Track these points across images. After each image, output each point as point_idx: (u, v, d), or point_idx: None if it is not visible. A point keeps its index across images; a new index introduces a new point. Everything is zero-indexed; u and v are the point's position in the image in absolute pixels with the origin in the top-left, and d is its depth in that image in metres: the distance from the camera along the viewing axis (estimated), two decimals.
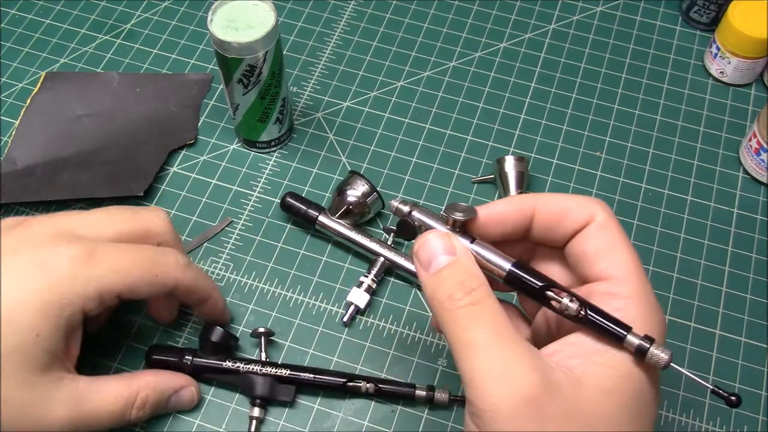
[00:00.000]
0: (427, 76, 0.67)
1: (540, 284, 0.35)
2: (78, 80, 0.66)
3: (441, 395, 0.50)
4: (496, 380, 0.31)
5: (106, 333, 0.53)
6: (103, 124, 0.63)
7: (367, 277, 0.55)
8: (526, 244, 0.39)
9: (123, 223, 0.46)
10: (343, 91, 0.66)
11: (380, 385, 0.50)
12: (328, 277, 0.57)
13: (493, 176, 0.60)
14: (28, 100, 0.65)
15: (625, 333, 0.32)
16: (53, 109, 0.64)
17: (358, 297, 0.54)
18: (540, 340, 0.39)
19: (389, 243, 0.56)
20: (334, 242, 0.58)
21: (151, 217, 0.48)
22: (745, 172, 0.62)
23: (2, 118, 0.64)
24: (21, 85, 0.66)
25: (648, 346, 0.32)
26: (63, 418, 0.42)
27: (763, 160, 0.59)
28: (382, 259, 0.55)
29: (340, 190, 0.56)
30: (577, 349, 0.33)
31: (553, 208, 0.37)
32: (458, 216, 0.36)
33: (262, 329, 0.51)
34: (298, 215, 0.57)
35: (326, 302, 0.56)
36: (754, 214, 0.60)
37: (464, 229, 0.37)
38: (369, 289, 0.55)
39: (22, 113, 0.64)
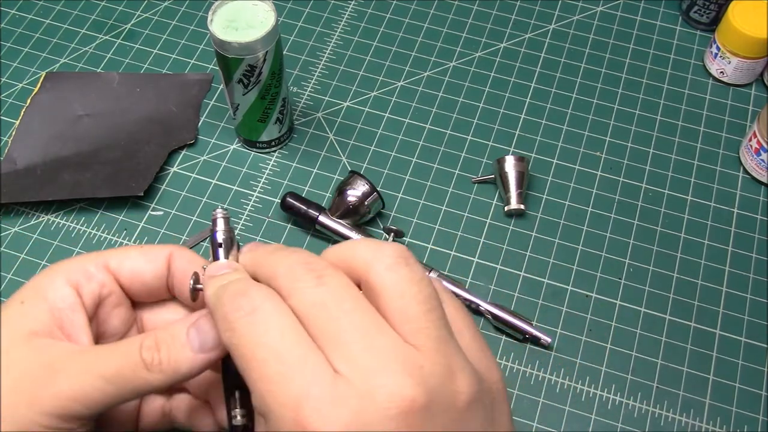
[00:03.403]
0: (427, 76, 0.67)
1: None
2: (78, 80, 0.66)
3: None
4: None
5: None
6: (103, 124, 0.63)
7: None
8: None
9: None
10: (343, 91, 0.66)
11: None
12: None
13: (493, 176, 0.60)
14: (28, 100, 0.65)
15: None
16: (53, 109, 0.64)
17: None
18: None
19: None
20: (334, 242, 0.58)
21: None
22: (745, 172, 0.62)
23: (2, 118, 0.64)
24: (21, 85, 0.66)
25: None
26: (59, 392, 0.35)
27: (763, 160, 0.59)
28: None
29: (340, 190, 0.56)
30: None
31: (338, 252, 0.34)
32: None
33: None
34: (298, 215, 0.57)
35: None
36: (754, 214, 0.60)
37: None
38: None
39: (22, 113, 0.64)
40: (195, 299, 0.38)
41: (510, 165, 0.58)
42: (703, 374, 0.53)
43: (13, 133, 0.63)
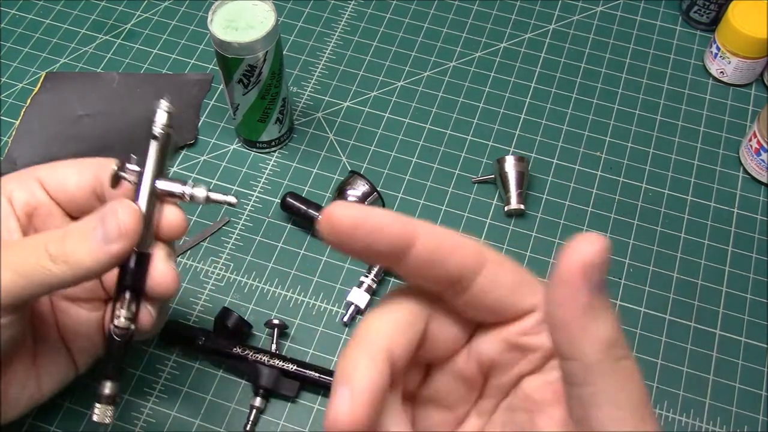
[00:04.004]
0: (427, 76, 0.67)
1: None
2: (78, 80, 0.66)
3: None
4: None
5: None
6: (103, 124, 0.63)
7: (367, 277, 0.55)
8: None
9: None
10: (343, 91, 0.66)
11: None
12: (328, 277, 0.57)
13: (493, 176, 0.60)
14: (28, 100, 0.65)
15: None
16: (53, 109, 0.64)
17: (359, 297, 0.54)
18: None
19: None
20: None
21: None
22: (745, 172, 0.62)
23: (2, 118, 0.64)
24: (21, 85, 0.66)
25: None
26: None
27: (763, 160, 0.59)
28: None
29: (340, 190, 0.56)
30: None
31: (440, 240, 0.25)
32: None
33: (276, 321, 0.52)
34: (298, 215, 0.57)
35: (326, 302, 0.56)
36: (754, 214, 0.60)
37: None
38: (369, 289, 0.55)
39: (22, 113, 0.64)
40: (114, 186, 0.39)
41: (510, 165, 0.58)
42: (703, 374, 0.53)
43: (13, 133, 0.63)
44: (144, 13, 0.71)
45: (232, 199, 0.42)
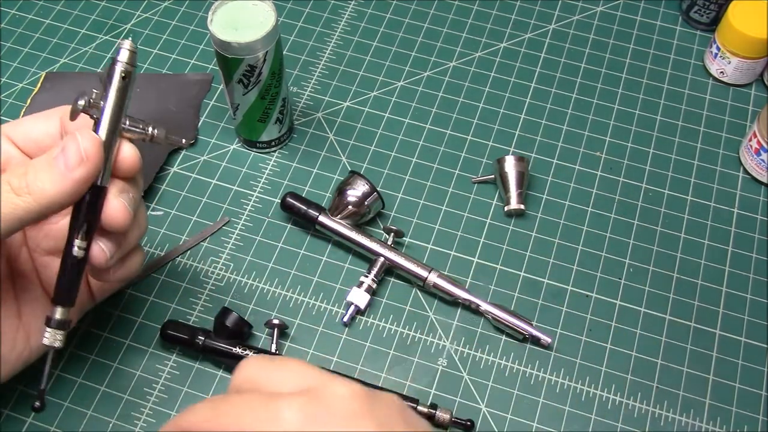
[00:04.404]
0: (427, 76, 0.67)
1: None
2: (78, 80, 0.66)
3: (442, 415, 0.50)
4: None
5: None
6: None
7: (367, 277, 0.55)
8: None
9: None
10: (343, 91, 0.66)
11: None
12: (328, 277, 0.57)
13: (493, 176, 0.60)
14: (28, 100, 0.65)
15: None
16: None
17: (358, 297, 0.54)
18: None
19: (389, 243, 0.56)
20: (334, 242, 0.58)
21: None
22: (745, 172, 0.62)
23: (2, 118, 0.64)
24: (21, 85, 0.66)
25: None
26: None
27: (763, 160, 0.59)
28: (382, 259, 0.55)
29: (340, 190, 0.56)
30: None
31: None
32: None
33: (276, 321, 0.52)
34: (298, 215, 0.57)
35: (326, 302, 0.56)
36: (754, 214, 0.60)
37: None
38: (369, 289, 0.55)
39: (22, 113, 0.64)
40: (73, 119, 0.40)
41: (510, 165, 0.58)
42: (703, 374, 0.53)
43: None
44: (144, 13, 0.71)
45: (184, 141, 0.46)
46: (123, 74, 0.41)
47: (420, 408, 0.50)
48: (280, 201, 0.58)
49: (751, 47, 0.63)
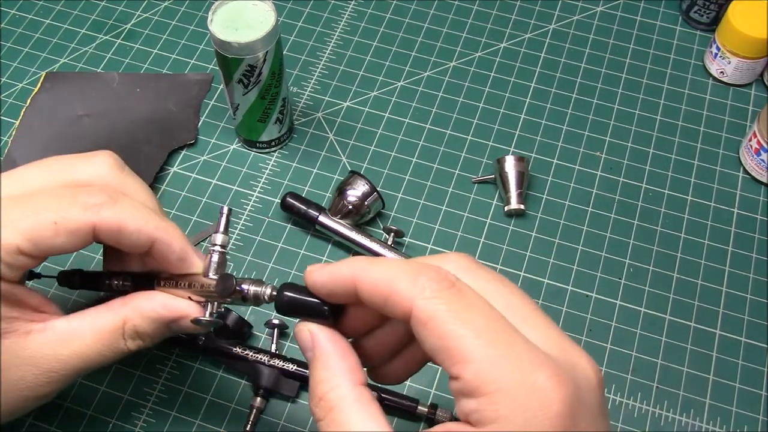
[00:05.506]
0: (427, 76, 0.67)
1: None
2: (78, 80, 0.66)
3: (442, 415, 0.50)
4: None
5: None
6: (103, 124, 0.63)
7: None
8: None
9: (55, 176, 0.41)
10: (343, 91, 0.66)
11: (383, 395, 0.50)
12: None
13: (493, 176, 0.60)
14: (28, 100, 0.65)
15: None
16: (53, 109, 0.64)
17: None
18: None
19: (389, 243, 0.56)
20: (334, 242, 0.58)
21: (88, 170, 0.42)
22: (745, 172, 0.62)
23: (2, 118, 0.64)
24: (21, 85, 0.66)
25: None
26: (40, 374, 0.39)
27: (763, 160, 0.59)
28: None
29: (340, 190, 0.56)
30: None
31: (375, 281, 0.32)
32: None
33: (276, 321, 0.52)
34: (298, 215, 0.57)
35: None
36: (754, 214, 0.60)
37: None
38: None
39: (22, 113, 0.64)
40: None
41: (510, 165, 0.58)
42: (703, 374, 0.53)
43: (13, 133, 0.63)
44: (144, 13, 0.71)
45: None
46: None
47: (420, 408, 0.50)
48: (280, 201, 0.58)
49: (751, 47, 0.63)
